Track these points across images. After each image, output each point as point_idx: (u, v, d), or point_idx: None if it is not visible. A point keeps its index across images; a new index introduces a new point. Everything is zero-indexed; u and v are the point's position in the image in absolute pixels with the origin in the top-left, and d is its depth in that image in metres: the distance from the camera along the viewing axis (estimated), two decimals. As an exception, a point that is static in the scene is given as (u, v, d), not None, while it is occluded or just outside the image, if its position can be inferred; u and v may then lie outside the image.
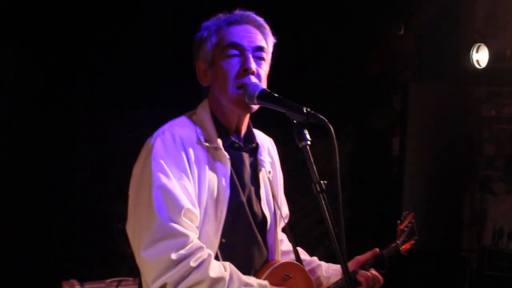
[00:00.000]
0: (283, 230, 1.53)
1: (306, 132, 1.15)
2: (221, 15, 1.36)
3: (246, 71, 1.28)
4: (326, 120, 1.13)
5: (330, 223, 1.14)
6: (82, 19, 3.20)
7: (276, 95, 1.22)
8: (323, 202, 1.15)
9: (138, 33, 3.23)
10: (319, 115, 1.15)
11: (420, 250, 1.87)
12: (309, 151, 1.16)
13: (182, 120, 1.35)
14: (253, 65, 1.28)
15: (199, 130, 1.30)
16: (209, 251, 1.22)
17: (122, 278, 2.67)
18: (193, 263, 1.15)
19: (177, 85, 2.89)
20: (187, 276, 1.15)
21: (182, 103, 1.48)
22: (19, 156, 3.17)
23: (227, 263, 1.24)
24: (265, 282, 1.26)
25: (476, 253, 4.30)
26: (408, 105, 3.98)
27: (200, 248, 1.19)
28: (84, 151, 3.44)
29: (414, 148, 3.96)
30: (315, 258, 1.56)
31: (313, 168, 1.16)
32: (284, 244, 1.54)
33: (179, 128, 1.29)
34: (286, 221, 1.49)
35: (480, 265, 4.02)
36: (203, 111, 1.35)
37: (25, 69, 3.48)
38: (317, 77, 5.76)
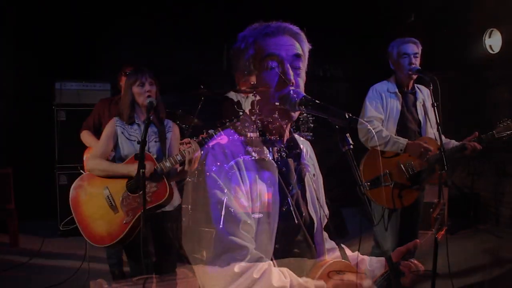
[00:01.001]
0: (325, 228, 1.56)
1: (348, 136, 1.20)
2: (257, 25, 1.35)
3: (285, 83, 1.29)
4: (368, 125, 1.18)
5: (374, 221, 1.21)
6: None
7: (317, 101, 1.23)
8: (368, 203, 1.21)
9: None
10: (361, 120, 1.20)
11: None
12: (352, 155, 1.21)
13: (229, 133, 1.38)
14: (292, 77, 1.29)
15: (245, 141, 1.33)
16: (268, 261, 1.25)
17: (147, 276, 2.74)
18: (256, 275, 1.19)
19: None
20: (251, 287, 1.18)
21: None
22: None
23: (285, 269, 1.27)
24: (322, 283, 1.29)
25: (495, 234, 4.34)
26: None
27: (260, 259, 1.23)
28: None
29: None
30: (357, 253, 1.59)
31: (357, 171, 1.20)
32: (327, 242, 1.57)
33: (227, 141, 1.32)
34: (327, 218, 1.52)
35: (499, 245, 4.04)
36: (247, 122, 1.37)
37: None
38: (329, 68, 5.80)
